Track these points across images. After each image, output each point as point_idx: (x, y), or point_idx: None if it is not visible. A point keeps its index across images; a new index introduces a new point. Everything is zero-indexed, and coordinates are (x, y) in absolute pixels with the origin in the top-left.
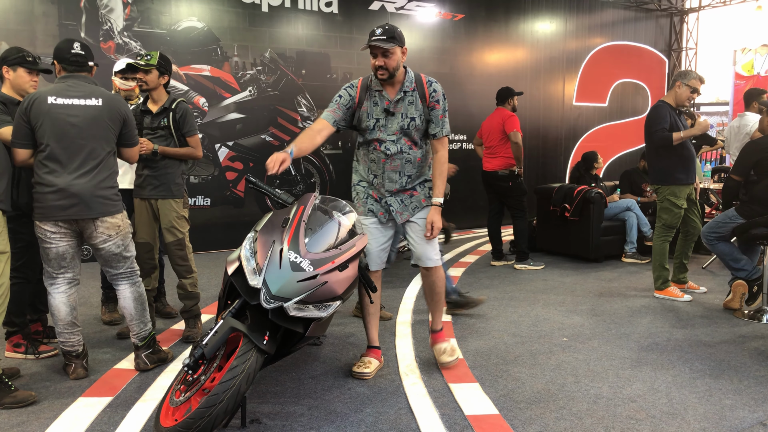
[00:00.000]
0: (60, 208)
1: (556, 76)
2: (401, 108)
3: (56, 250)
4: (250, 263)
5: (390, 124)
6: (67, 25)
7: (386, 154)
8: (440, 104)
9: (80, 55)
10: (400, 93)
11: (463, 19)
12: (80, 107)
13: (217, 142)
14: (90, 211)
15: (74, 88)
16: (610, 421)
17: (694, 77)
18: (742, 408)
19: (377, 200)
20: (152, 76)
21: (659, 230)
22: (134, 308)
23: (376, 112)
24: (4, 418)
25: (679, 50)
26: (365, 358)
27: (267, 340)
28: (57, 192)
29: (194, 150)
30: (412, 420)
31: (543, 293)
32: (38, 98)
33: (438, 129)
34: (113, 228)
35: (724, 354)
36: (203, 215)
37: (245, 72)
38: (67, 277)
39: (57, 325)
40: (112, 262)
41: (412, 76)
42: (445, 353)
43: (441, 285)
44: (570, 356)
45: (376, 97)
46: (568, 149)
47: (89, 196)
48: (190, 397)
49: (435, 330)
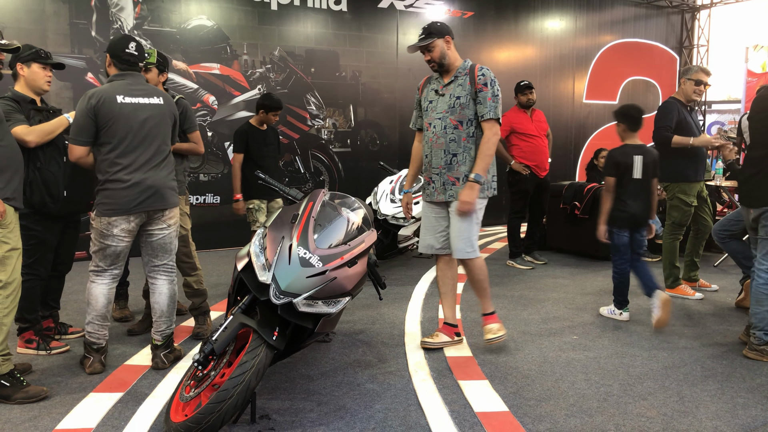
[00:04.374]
0: (137, 202)
1: (566, 74)
2: (450, 89)
3: (116, 249)
4: (260, 259)
5: (439, 105)
6: (78, 23)
7: (433, 132)
8: (488, 87)
9: (134, 56)
10: (452, 78)
11: (473, 17)
12: (147, 106)
13: (226, 141)
14: (164, 201)
15: (136, 87)
16: (620, 418)
17: (696, 70)
18: (754, 406)
19: (429, 183)
20: (152, 74)
21: (669, 228)
22: (167, 305)
23: (430, 95)
24: (17, 413)
25: (690, 47)
26: (436, 332)
27: (276, 336)
28: (132, 186)
29: (196, 146)
30: (422, 416)
31: (553, 291)
32: (107, 97)
33: (485, 110)
34: (174, 218)
35: (736, 352)
36: (212, 213)
37: (254, 70)
38: (114, 273)
39: (90, 314)
40: (159, 252)
41: (467, 65)
42: (490, 331)
43: (478, 274)
44: (580, 354)
45: (433, 83)
46: (578, 147)
47: (163, 187)
48: (200, 392)
49: (484, 313)
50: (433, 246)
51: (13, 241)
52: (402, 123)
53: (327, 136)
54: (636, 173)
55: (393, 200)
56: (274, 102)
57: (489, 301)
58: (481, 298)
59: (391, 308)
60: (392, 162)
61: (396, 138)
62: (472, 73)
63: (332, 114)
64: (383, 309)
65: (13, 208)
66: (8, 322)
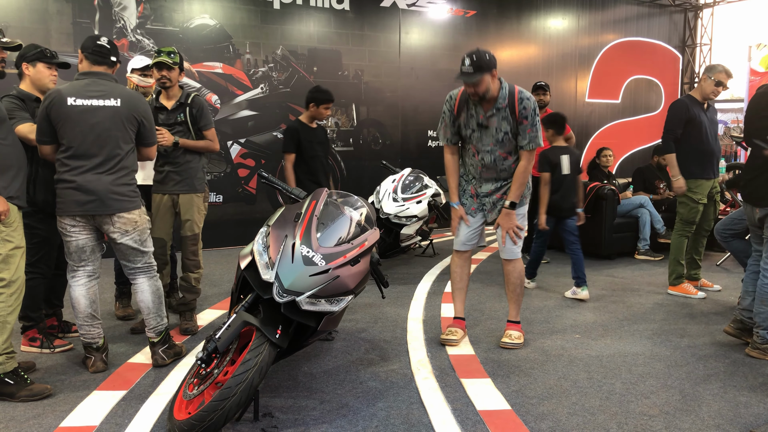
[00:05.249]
0: (77, 204)
1: (569, 73)
2: (495, 122)
3: (76, 243)
4: (263, 257)
5: (485, 137)
6: (80, 23)
7: (482, 163)
8: (528, 120)
9: (103, 47)
10: (492, 110)
11: (475, 16)
12: (99, 108)
13: (229, 139)
14: (106, 207)
15: (92, 88)
16: (623, 417)
17: (720, 70)
18: (756, 405)
19: (472, 196)
20: (175, 73)
21: (677, 225)
22: (152, 302)
23: (471, 124)
24: (21, 411)
25: (693, 46)
26: (451, 328)
27: (279, 334)
28: (75, 189)
29: (212, 143)
30: (424, 414)
31: (555, 290)
32: (57, 99)
33: (525, 142)
34: (130, 224)
35: (738, 351)
36: (215, 212)
37: (257, 69)
38: (87, 270)
39: (77, 317)
40: (129, 257)
41: (506, 93)
42: (509, 337)
43: (517, 276)
44: (582, 352)
45: (472, 110)
46: (581, 146)
47: (105, 193)
48: (204, 390)
49: (510, 320)
50: (465, 243)
51: (17, 240)
52: (404, 122)
53: (329, 135)
54: (564, 170)
55: (395, 199)
56: (326, 94)
57: (519, 309)
58: (513, 304)
59: (394, 307)
60: (394, 161)
61: (398, 137)
62: (512, 102)
63: (335, 113)
64: (386, 307)
65: (16, 207)
66: (12, 321)
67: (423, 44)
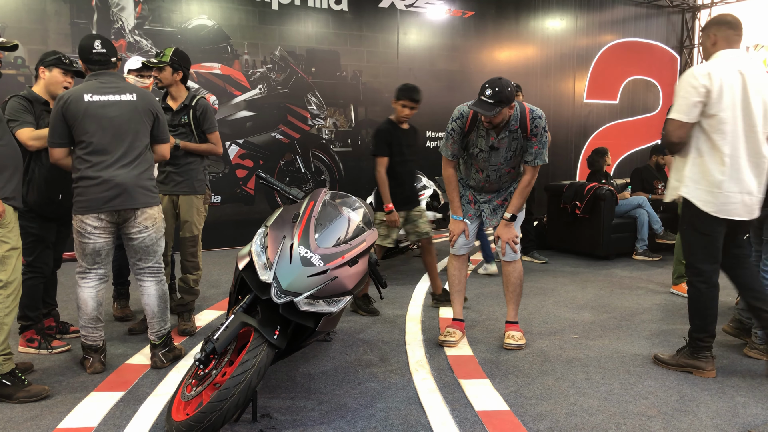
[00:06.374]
0: (105, 200)
1: (567, 74)
2: (505, 143)
3: (93, 245)
4: (261, 258)
5: (493, 158)
6: (78, 23)
7: (487, 180)
8: (537, 138)
9: (103, 54)
10: (504, 132)
11: (473, 17)
12: (117, 102)
13: (227, 140)
14: (134, 201)
15: (107, 85)
16: (621, 417)
17: None
18: (754, 405)
19: (470, 202)
20: (166, 73)
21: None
22: (157, 306)
23: (480, 144)
24: (18, 412)
25: (691, 47)
26: (450, 329)
27: (278, 335)
28: (101, 184)
29: (214, 146)
30: (423, 415)
31: (553, 290)
32: (73, 97)
33: (530, 158)
34: (151, 219)
35: (736, 351)
36: (213, 212)
37: (255, 70)
38: (99, 273)
39: (81, 318)
40: (142, 255)
41: (518, 114)
42: (512, 338)
43: (517, 277)
44: (581, 353)
45: (483, 131)
46: (579, 147)
47: (132, 187)
48: (202, 391)
49: (508, 321)
50: (462, 247)
51: (13, 241)
52: None
53: (328, 135)
54: None
55: None
56: (415, 92)
57: (518, 310)
58: (512, 304)
59: (392, 307)
60: None
61: None
62: (524, 122)
63: (333, 114)
64: (384, 308)
65: (12, 208)
66: (9, 322)
67: (421, 45)
